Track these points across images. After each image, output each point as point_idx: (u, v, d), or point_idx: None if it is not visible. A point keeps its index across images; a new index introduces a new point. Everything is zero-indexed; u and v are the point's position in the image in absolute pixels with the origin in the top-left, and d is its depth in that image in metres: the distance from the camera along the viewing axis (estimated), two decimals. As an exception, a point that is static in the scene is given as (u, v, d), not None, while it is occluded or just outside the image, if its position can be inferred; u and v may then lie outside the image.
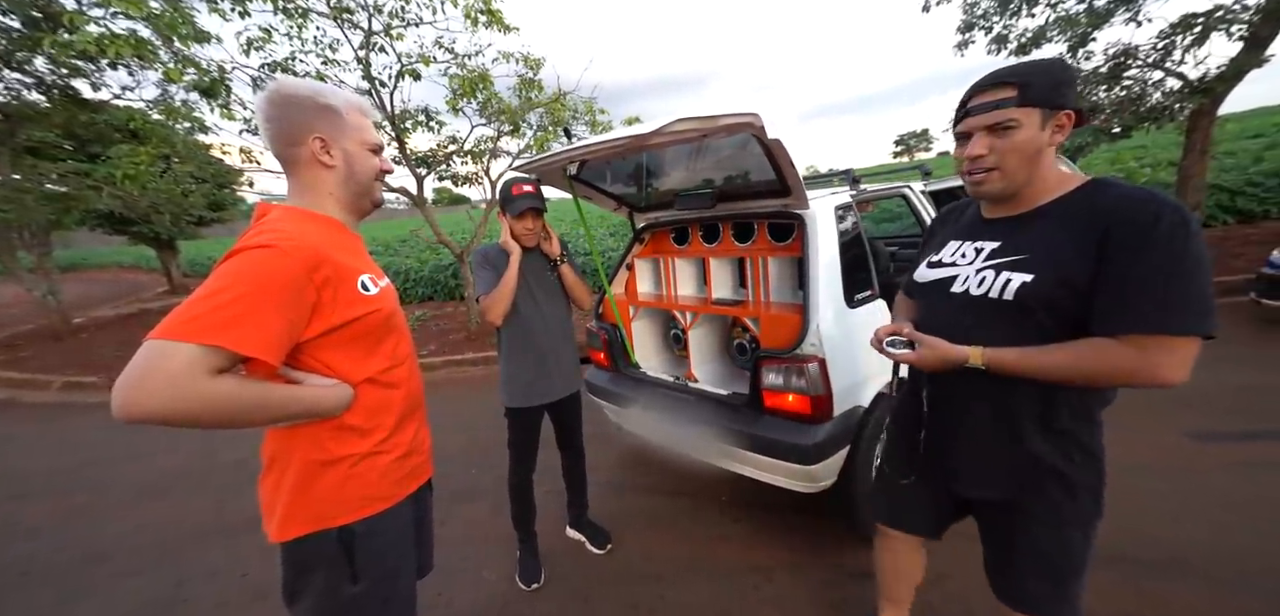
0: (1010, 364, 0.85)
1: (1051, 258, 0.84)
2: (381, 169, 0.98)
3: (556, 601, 1.82)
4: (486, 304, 1.64)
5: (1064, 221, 0.84)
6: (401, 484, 0.97)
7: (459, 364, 4.88)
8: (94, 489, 2.99)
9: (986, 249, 0.93)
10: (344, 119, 0.90)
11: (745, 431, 1.74)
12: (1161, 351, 0.76)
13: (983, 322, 0.90)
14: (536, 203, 1.68)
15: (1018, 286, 0.85)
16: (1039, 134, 0.83)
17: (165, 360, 0.66)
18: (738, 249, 2.21)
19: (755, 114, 1.29)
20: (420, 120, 4.65)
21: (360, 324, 0.86)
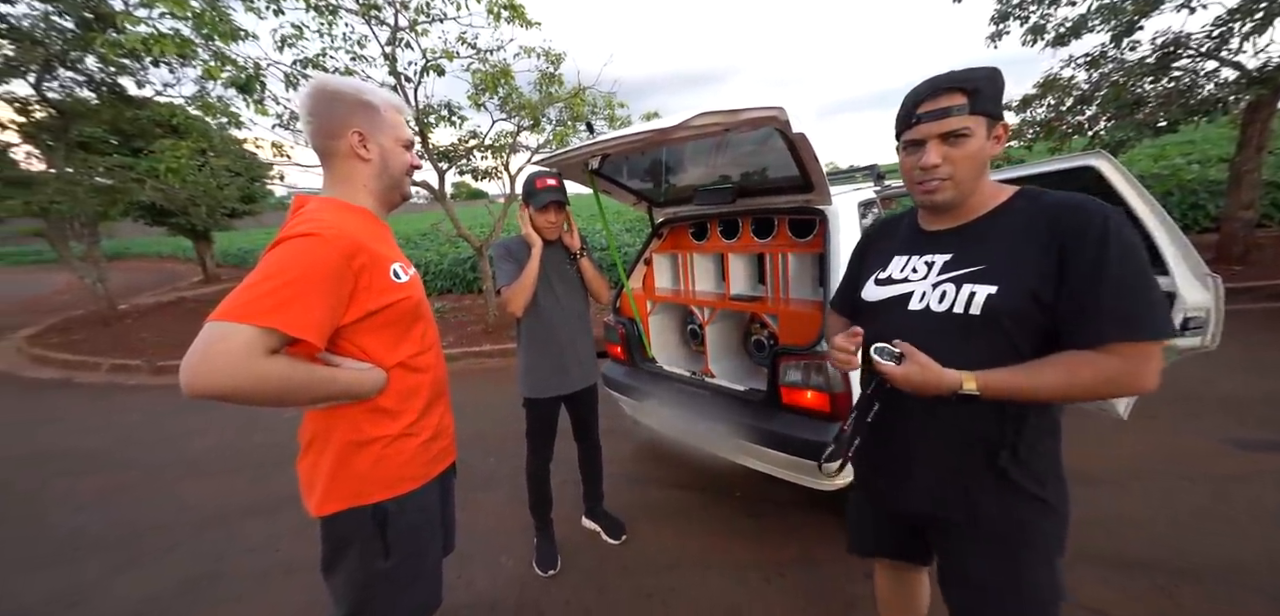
0: (1003, 387, 0.78)
1: (1015, 269, 0.81)
2: (411, 164, 1.02)
3: (572, 587, 1.86)
4: (508, 296, 1.67)
5: (1017, 232, 0.82)
6: (429, 466, 1.02)
7: (477, 355, 4.97)
8: (139, 466, 3.17)
9: (938, 262, 0.89)
10: (381, 115, 0.95)
11: (762, 427, 1.74)
12: (1142, 358, 0.75)
13: (951, 341, 0.84)
14: (559, 196, 1.71)
15: (984, 299, 0.81)
16: (985, 143, 0.83)
17: (226, 340, 0.71)
18: (757, 245, 2.20)
19: (780, 107, 1.29)
20: (443, 115, 4.74)
21: (392, 310, 0.91)
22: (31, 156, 6.65)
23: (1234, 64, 4.59)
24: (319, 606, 1.79)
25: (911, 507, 0.96)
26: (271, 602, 1.89)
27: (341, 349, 0.88)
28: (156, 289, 12.43)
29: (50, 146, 6.24)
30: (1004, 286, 0.81)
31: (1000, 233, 0.84)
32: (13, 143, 6.40)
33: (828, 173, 1.79)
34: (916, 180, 0.88)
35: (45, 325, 7.78)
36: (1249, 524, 1.80)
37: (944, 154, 0.83)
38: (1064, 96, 5.53)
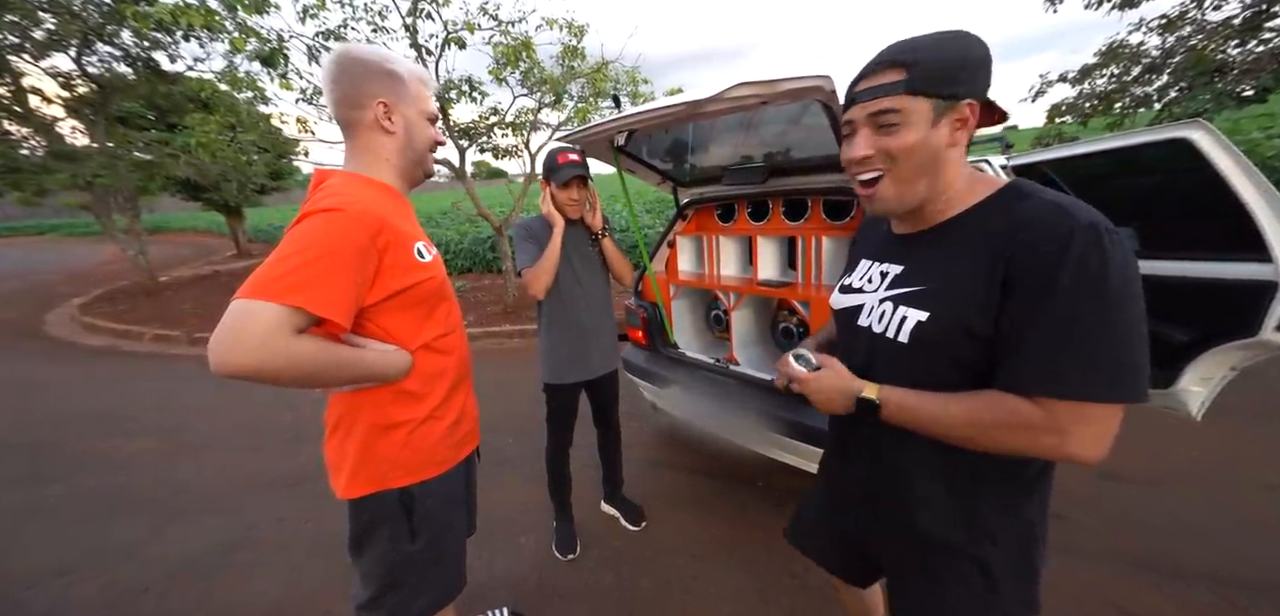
0: (906, 406, 0.69)
1: (951, 292, 0.67)
2: (436, 139, 0.99)
3: (590, 572, 1.84)
4: (529, 277, 1.62)
5: (968, 244, 0.66)
6: (455, 450, 1.01)
7: (496, 336, 5.00)
8: (180, 433, 3.31)
9: (891, 274, 0.75)
10: (407, 86, 0.91)
11: (793, 419, 1.66)
12: (1072, 418, 0.58)
13: (883, 366, 0.75)
14: (582, 170, 1.64)
15: (913, 326, 0.69)
16: (931, 132, 0.64)
17: (253, 319, 0.69)
18: (788, 227, 2.08)
19: (826, 76, 1.17)
20: (464, 90, 4.68)
21: (417, 290, 0.88)
22: (76, 131, 6.91)
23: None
24: (339, 581, 1.83)
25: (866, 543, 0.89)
26: (294, 573, 1.94)
27: (365, 330, 0.86)
28: (194, 262, 12.96)
29: (92, 120, 6.46)
30: (935, 313, 0.67)
31: (953, 243, 0.68)
32: (59, 117, 6.65)
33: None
34: (852, 175, 0.73)
35: (94, 295, 8.19)
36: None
37: (875, 144, 0.67)
38: (1131, 65, 5.08)
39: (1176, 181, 1.34)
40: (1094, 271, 0.56)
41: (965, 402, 0.65)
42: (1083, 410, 0.58)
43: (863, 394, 0.73)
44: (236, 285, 0.75)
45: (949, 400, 0.66)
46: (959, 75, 0.64)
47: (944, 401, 0.67)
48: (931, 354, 0.69)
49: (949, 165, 0.67)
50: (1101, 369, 0.57)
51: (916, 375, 0.70)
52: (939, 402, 0.67)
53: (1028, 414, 0.60)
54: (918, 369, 0.70)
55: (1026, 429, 0.61)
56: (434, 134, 0.98)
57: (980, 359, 0.65)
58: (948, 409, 0.66)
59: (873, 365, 0.77)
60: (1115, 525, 1.83)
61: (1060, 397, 0.58)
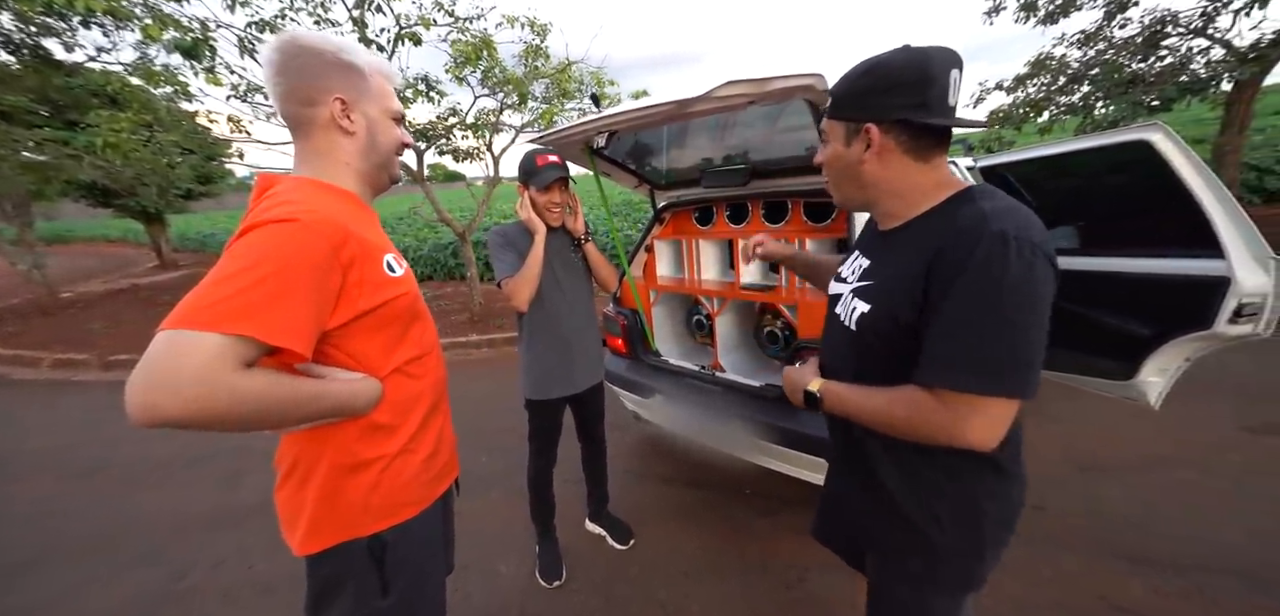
0: (838, 399, 0.80)
1: (887, 285, 0.76)
2: (402, 141, 0.88)
3: (578, 599, 1.74)
4: (511, 289, 1.50)
5: (912, 245, 0.73)
6: (431, 485, 0.90)
7: (463, 346, 4.75)
8: (90, 472, 2.88)
9: (862, 267, 0.84)
10: (367, 81, 0.80)
11: (784, 426, 1.64)
12: (966, 408, 0.65)
13: (846, 355, 0.83)
14: (564, 173, 1.55)
15: (858, 315, 0.78)
16: (845, 149, 0.76)
17: (186, 353, 0.56)
18: (769, 230, 2.07)
19: (819, 75, 1.15)
20: (420, 90, 4.41)
21: (387, 309, 0.78)
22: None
23: (1224, 42, 4.66)
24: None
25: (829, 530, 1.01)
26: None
27: (329, 358, 0.73)
28: (107, 274, 11.55)
29: (-31, 118, 5.58)
30: (875, 305, 0.76)
31: (904, 242, 0.75)
32: None
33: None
34: None
35: (-26, 316, 7.10)
36: (1267, 517, 1.79)
37: (821, 153, 0.82)
38: (1056, 75, 5.57)
39: (1135, 182, 1.42)
40: (993, 276, 0.62)
41: (883, 396, 0.73)
42: (973, 402, 0.65)
43: (808, 386, 0.84)
44: (159, 299, 0.61)
45: (872, 393, 0.75)
46: (865, 100, 0.72)
47: (867, 394, 0.76)
48: (870, 342, 0.77)
49: (875, 176, 0.75)
50: (988, 365, 0.63)
51: (861, 362, 0.79)
52: (863, 395, 0.76)
53: (927, 405, 0.68)
54: (862, 356, 0.79)
55: (927, 418, 0.68)
56: (400, 135, 0.87)
57: (910, 350, 0.71)
58: (870, 401, 0.75)
59: (835, 349, 0.87)
60: (1092, 514, 1.90)
61: (952, 389, 0.65)
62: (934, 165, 0.73)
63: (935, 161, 0.73)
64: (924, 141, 0.72)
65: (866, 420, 0.76)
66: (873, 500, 0.84)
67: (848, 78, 0.74)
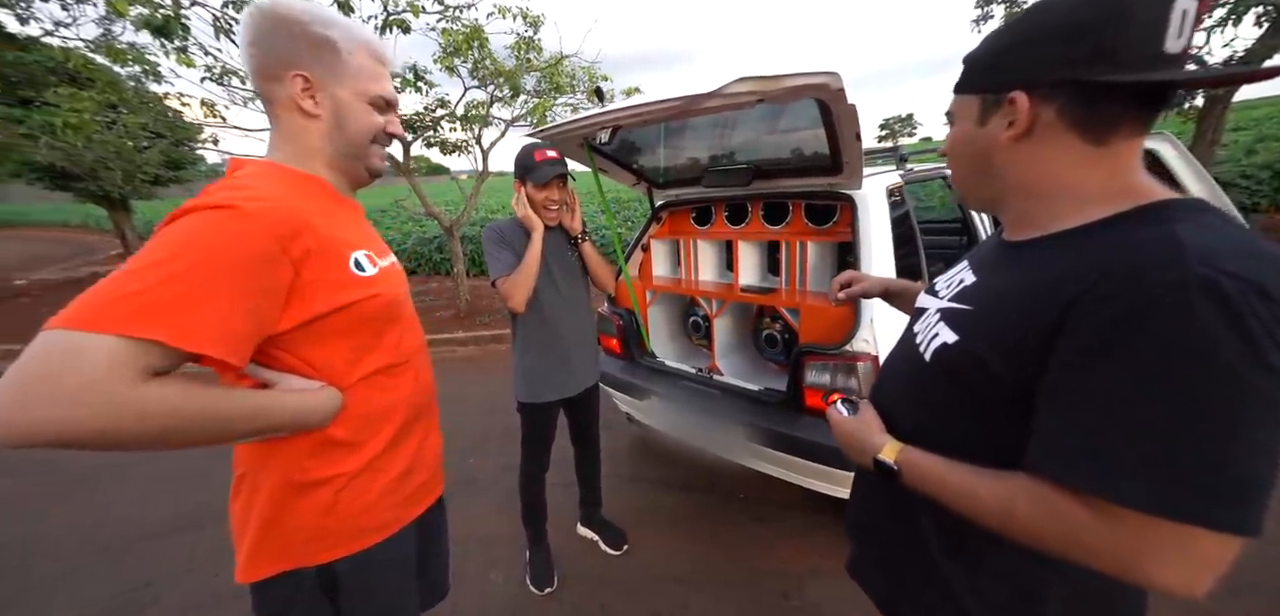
0: (925, 474, 0.58)
1: (987, 313, 0.57)
2: (381, 128, 0.77)
3: (571, 606, 1.68)
4: (507, 289, 1.44)
5: (1042, 266, 0.53)
6: (401, 509, 0.80)
7: (449, 343, 4.63)
8: (39, 473, 2.68)
9: (963, 284, 0.66)
10: (343, 59, 0.71)
11: (783, 432, 1.61)
12: (1148, 537, 0.43)
13: (913, 388, 0.67)
14: (563, 169, 1.49)
15: (938, 346, 0.61)
16: (976, 130, 0.58)
17: (76, 359, 0.48)
18: (769, 231, 2.05)
19: (834, 74, 1.12)
20: (408, 79, 4.27)
21: (353, 312, 0.69)
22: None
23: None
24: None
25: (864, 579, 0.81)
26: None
27: (280, 363, 0.66)
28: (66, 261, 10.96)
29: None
30: (963, 337, 0.58)
31: (1030, 263, 0.55)
32: None
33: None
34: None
35: (-84, 304, 6.63)
36: None
37: (948, 141, 0.65)
38: None
39: None
40: (1196, 347, 0.40)
41: (998, 489, 0.51)
42: (1172, 532, 0.42)
43: (881, 455, 0.62)
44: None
45: (978, 480, 0.53)
46: (1010, 59, 0.53)
47: (972, 480, 0.54)
48: (946, 384, 0.59)
49: (1012, 165, 0.56)
50: (1176, 481, 0.41)
51: (930, 403, 0.63)
52: (966, 480, 0.54)
53: (1077, 517, 0.45)
54: (932, 396, 0.62)
55: (1081, 535, 0.46)
56: (378, 122, 0.76)
57: (1007, 401, 0.52)
58: (977, 490, 0.53)
59: (901, 381, 0.70)
60: None
61: (1132, 506, 0.43)
62: (1113, 154, 0.51)
63: (1117, 148, 0.51)
64: (1105, 113, 0.49)
65: (966, 513, 0.54)
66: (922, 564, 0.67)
67: (990, 37, 0.58)
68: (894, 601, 0.80)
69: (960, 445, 0.56)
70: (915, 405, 0.65)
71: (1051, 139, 0.53)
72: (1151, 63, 0.46)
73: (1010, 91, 0.53)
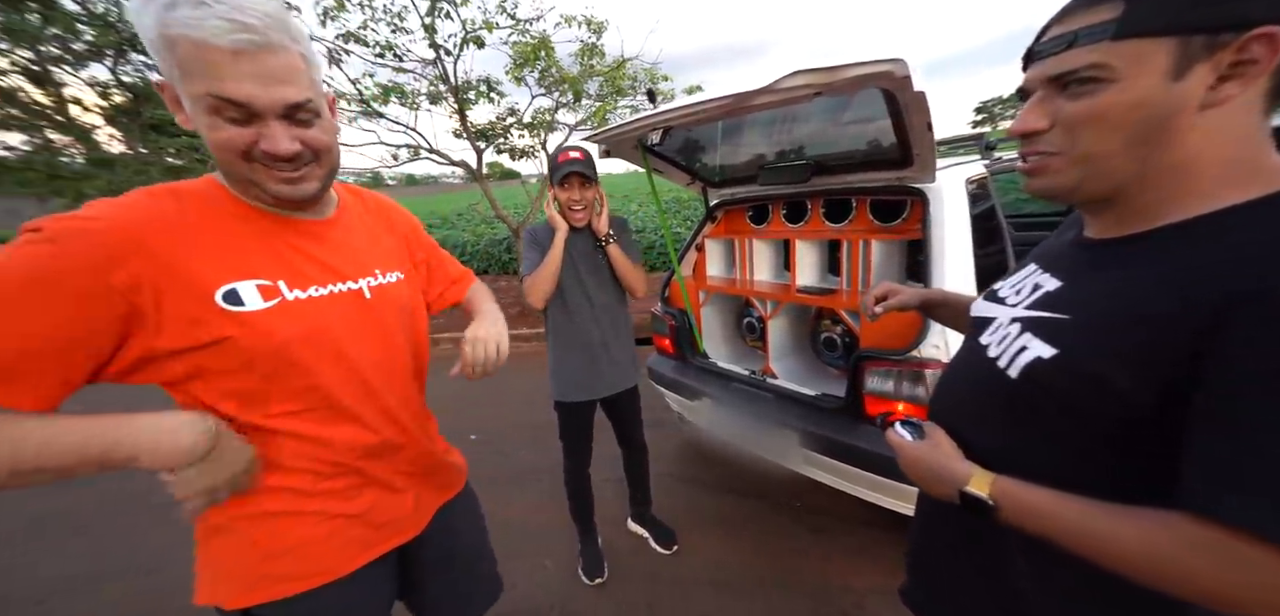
0: (1024, 511, 0.50)
1: (1095, 324, 0.48)
2: (260, 147, 0.58)
3: (619, 599, 1.72)
4: (526, 286, 1.51)
5: (1171, 261, 0.45)
6: (346, 551, 0.72)
7: (513, 339, 4.92)
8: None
9: (1043, 289, 0.56)
10: (165, 58, 0.55)
11: (841, 440, 1.52)
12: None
13: (987, 407, 0.59)
14: (581, 168, 1.47)
15: (1029, 361, 0.52)
16: (1162, 87, 0.43)
17: None
18: (830, 230, 1.94)
19: (899, 60, 1.03)
20: (481, 91, 4.62)
21: (220, 350, 0.59)
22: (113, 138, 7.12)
23: None
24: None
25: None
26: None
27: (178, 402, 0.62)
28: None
29: (127, 128, 6.65)
30: (1065, 351, 0.49)
31: (1152, 259, 0.47)
32: (97, 125, 6.86)
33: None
34: (1018, 154, 0.56)
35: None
36: None
37: (1052, 113, 0.49)
38: None
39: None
40: None
41: (1143, 525, 0.43)
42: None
43: (968, 487, 0.54)
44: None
45: (1102, 516, 0.45)
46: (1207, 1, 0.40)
47: (1102, 516, 0.45)
48: (1042, 405, 0.51)
49: (1197, 137, 0.44)
50: None
51: (1013, 425, 0.55)
52: (1084, 515, 0.46)
53: (1255, 564, 0.37)
54: (1017, 418, 0.54)
55: (1252, 588, 0.38)
56: (231, 136, 0.57)
57: (1119, 426, 0.45)
58: (1113, 529, 0.44)
59: (971, 399, 0.62)
60: None
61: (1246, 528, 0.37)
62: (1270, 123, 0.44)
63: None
64: None
65: (1086, 553, 0.46)
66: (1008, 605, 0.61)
67: None
68: None
69: (1050, 473, 0.50)
70: (994, 428, 0.58)
71: (1254, 97, 0.42)
72: None
73: (1254, 28, 0.39)
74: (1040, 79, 0.50)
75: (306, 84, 0.60)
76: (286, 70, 0.57)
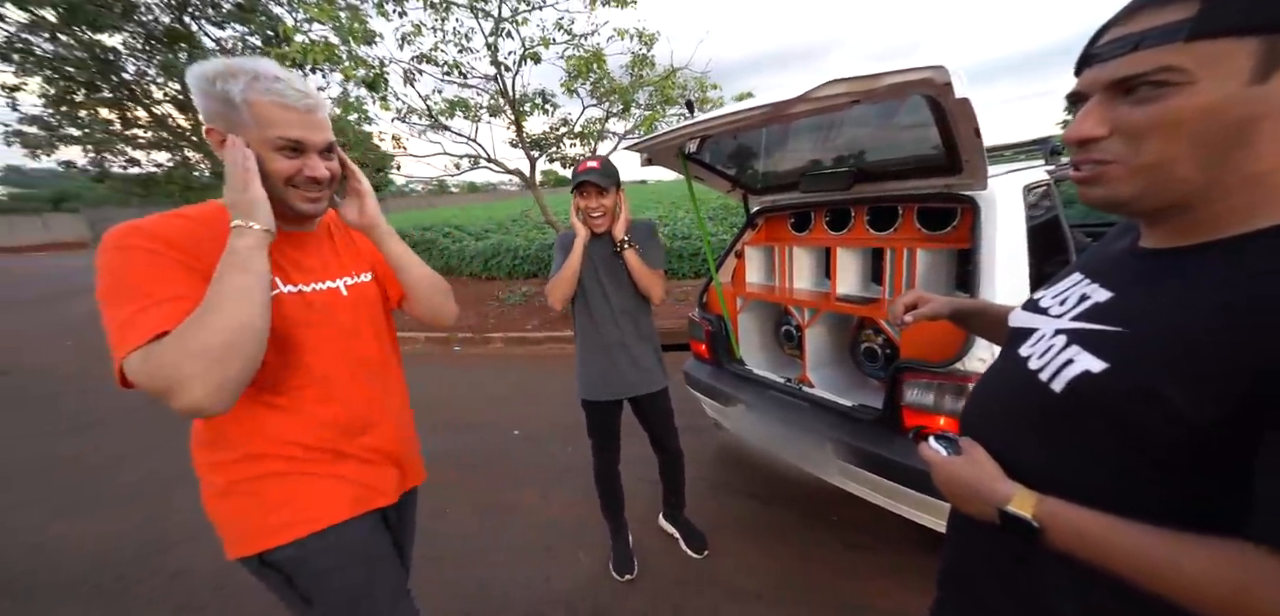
0: (1078, 535, 0.47)
1: (1159, 336, 0.45)
2: (304, 173, 0.81)
3: (648, 598, 1.76)
4: (547, 290, 1.61)
5: (1234, 272, 0.43)
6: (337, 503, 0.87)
7: (558, 340, 5.13)
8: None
9: (1091, 301, 0.54)
10: (239, 111, 0.75)
11: (877, 453, 1.48)
12: None
13: (1024, 423, 0.56)
14: (593, 178, 1.52)
15: (1075, 375, 0.49)
16: (1243, 91, 0.40)
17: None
18: (873, 238, 1.89)
19: (940, 67, 1.02)
20: (537, 103, 4.90)
21: None
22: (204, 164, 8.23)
23: None
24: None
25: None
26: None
27: None
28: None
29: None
30: (1116, 366, 0.47)
31: (1214, 270, 0.45)
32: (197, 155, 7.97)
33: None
34: (1072, 162, 0.53)
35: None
36: None
37: (1113, 121, 0.46)
38: None
39: None
40: None
41: (1208, 553, 0.41)
42: None
43: (1010, 507, 0.52)
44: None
45: (1173, 544, 0.42)
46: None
47: (1161, 543, 0.43)
48: (1088, 422, 0.49)
49: (1272, 145, 0.42)
50: None
51: (1055, 443, 0.53)
52: (1150, 541, 0.43)
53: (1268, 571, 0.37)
54: (1060, 435, 0.52)
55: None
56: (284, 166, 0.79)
57: (1181, 450, 0.43)
58: (1173, 556, 0.42)
59: (1007, 413, 0.60)
60: None
61: None
62: None
63: None
64: None
65: (1141, 580, 0.44)
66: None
67: None
68: None
69: (1093, 494, 0.48)
70: (1033, 445, 0.55)
71: None
72: None
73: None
74: (1098, 83, 0.48)
75: (330, 134, 0.85)
76: (324, 124, 0.83)
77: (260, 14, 6.48)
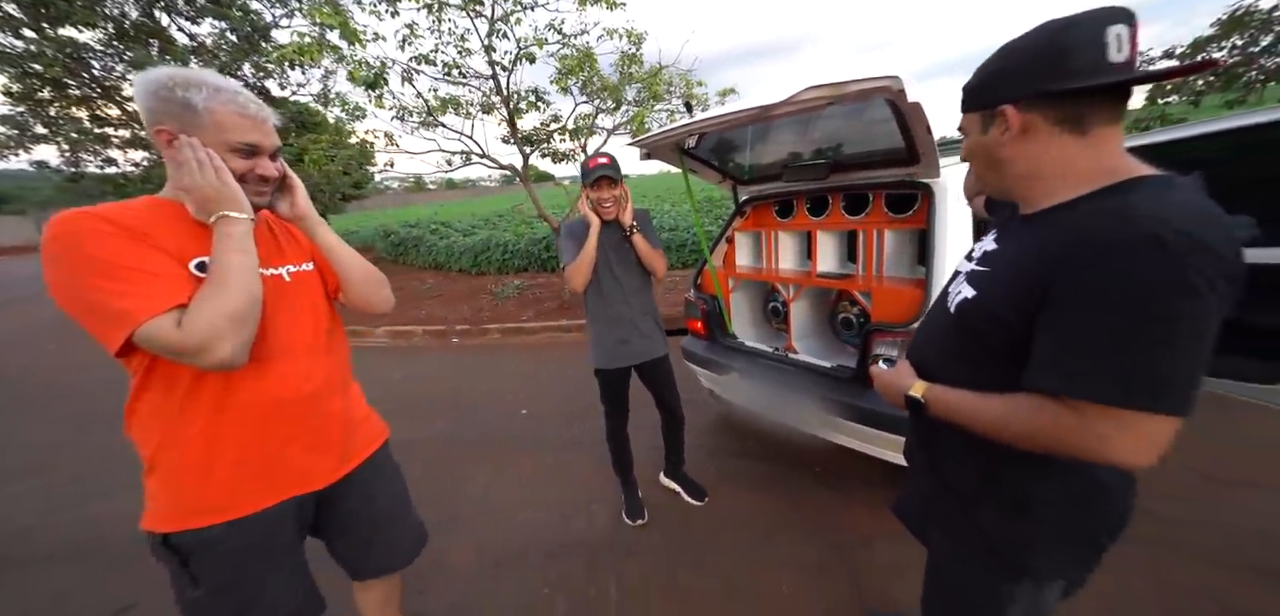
0: (944, 404, 0.77)
1: (996, 274, 0.74)
2: (255, 172, 0.90)
3: (659, 535, 2.01)
4: (569, 273, 1.81)
5: (1037, 234, 0.68)
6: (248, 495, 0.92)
7: (555, 330, 5.31)
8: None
9: (985, 249, 0.82)
10: (200, 116, 0.83)
11: (851, 403, 1.75)
12: (1108, 423, 0.59)
13: (933, 341, 0.85)
14: (608, 172, 1.75)
15: (960, 300, 0.77)
16: (982, 138, 0.74)
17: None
18: (848, 221, 2.16)
19: (894, 76, 1.27)
20: (531, 101, 5.05)
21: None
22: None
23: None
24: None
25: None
26: None
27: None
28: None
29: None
30: (980, 292, 0.74)
31: (1031, 231, 0.70)
32: None
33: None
34: None
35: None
36: None
37: (964, 148, 0.82)
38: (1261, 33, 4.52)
39: None
40: (1137, 287, 0.55)
41: (1000, 403, 0.69)
42: (1120, 417, 0.59)
43: (910, 391, 0.81)
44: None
45: (986, 401, 0.71)
46: (997, 83, 0.70)
47: (982, 402, 0.71)
48: (965, 332, 0.76)
49: (1016, 158, 0.71)
50: (1114, 379, 0.58)
51: (951, 349, 0.79)
52: (977, 402, 0.72)
53: (1064, 419, 0.62)
54: (953, 343, 0.79)
55: (1060, 432, 0.63)
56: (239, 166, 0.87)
57: (1009, 347, 0.68)
58: (985, 408, 0.71)
59: (930, 331, 0.87)
60: (1211, 524, 1.76)
61: (1094, 400, 0.59)
62: (1095, 141, 0.66)
63: (1098, 136, 0.65)
64: (1081, 110, 0.65)
65: (979, 428, 0.71)
66: (940, 485, 0.87)
67: (979, 69, 0.73)
68: (924, 527, 1.02)
69: (974, 382, 0.73)
70: (942, 353, 0.82)
71: (1042, 135, 0.68)
72: (1100, 70, 0.62)
73: (1000, 106, 0.70)
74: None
75: (277, 139, 0.96)
76: (273, 131, 0.94)
77: (237, 9, 6.43)
